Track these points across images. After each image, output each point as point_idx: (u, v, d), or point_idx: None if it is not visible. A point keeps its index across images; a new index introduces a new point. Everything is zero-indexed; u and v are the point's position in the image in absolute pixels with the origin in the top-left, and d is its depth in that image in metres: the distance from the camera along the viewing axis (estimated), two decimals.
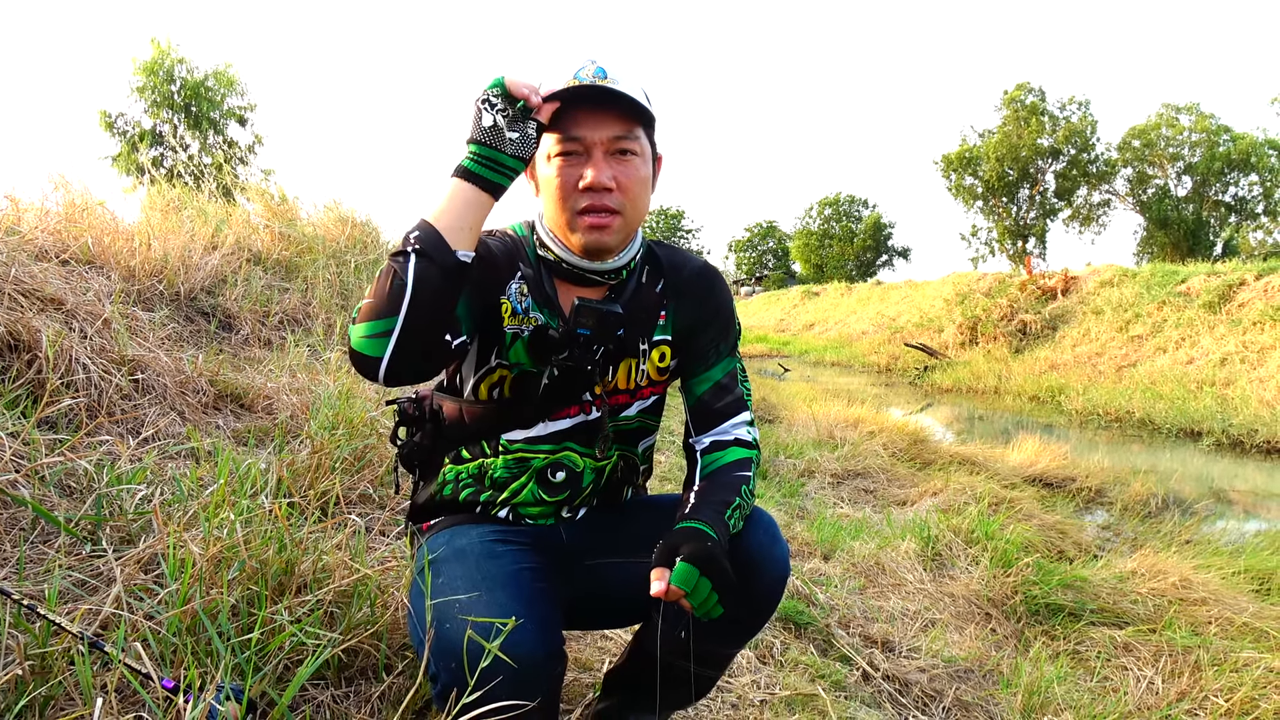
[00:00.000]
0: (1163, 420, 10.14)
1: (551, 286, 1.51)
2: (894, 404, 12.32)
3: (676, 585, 1.27)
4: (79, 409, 2.60)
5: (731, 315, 1.64)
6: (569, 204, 1.42)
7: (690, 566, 1.28)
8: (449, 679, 1.26)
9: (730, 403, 1.58)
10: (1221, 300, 13.99)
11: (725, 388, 1.58)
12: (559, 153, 1.41)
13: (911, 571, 3.54)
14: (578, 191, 1.40)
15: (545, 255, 1.50)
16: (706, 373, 1.59)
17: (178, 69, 23.67)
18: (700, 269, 1.62)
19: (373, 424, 2.97)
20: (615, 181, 1.40)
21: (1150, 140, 40.61)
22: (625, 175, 1.42)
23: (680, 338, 1.59)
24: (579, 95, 1.37)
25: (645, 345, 1.56)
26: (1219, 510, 6.20)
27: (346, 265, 6.22)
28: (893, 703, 2.45)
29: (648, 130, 1.46)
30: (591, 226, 1.42)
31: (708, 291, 1.61)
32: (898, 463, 6.39)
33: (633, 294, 1.54)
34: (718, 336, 1.60)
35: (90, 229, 4.09)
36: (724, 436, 1.56)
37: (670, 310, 1.58)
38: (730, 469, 1.52)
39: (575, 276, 1.50)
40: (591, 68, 1.38)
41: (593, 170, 1.39)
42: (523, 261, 1.50)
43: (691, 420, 1.59)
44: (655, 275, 1.59)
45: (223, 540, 1.71)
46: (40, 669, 1.40)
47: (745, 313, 40.43)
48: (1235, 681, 2.62)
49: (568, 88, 1.36)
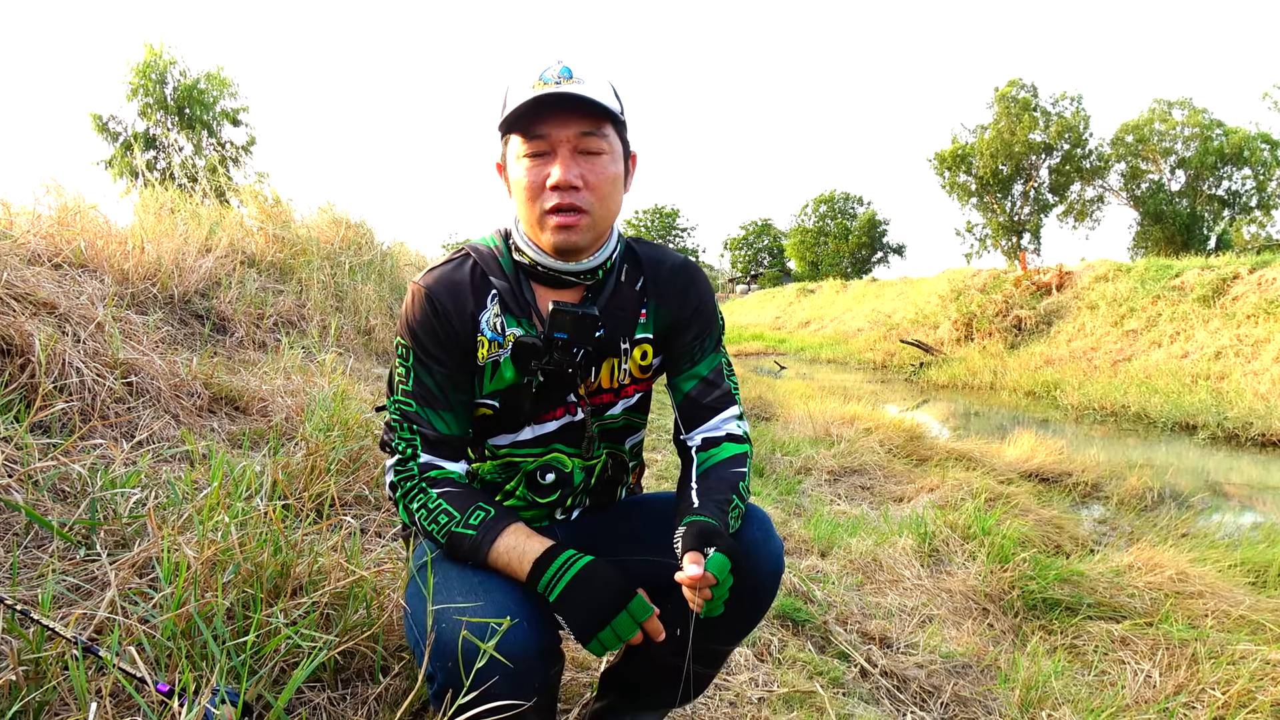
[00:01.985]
0: (1158, 414, 10.15)
1: (530, 292, 1.50)
2: (890, 401, 12.32)
3: (712, 573, 1.26)
4: (72, 413, 2.59)
5: (713, 310, 1.63)
6: (537, 204, 1.41)
7: (725, 558, 1.28)
8: (445, 678, 1.26)
9: (718, 397, 1.58)
10: (1216, 294, 14.01)
11: (712, 383, 1.59)
12: (527, 153, 1.40)
13: (909, 568, 3.54)
14: (546, 190, 1.39)
15: (521, 260, 1.50)
16: (693, 369, 1.59)
17: (171, 71, 23.63)
18: (679, 265, 1.61)
19: (367, 425, 2.97)
20: (583, 180, 1.39)
21: (1143, 135, 40.67)
22: (593, 174, 1.41)
23: (662, 335, 1.59)
24: (543, 102, 1.36)
25: (627, 344, 1.56)
26: (1215, 503, 6.21)
27: (341, 267, 6.22)
28: (891, 699, 2.45)
29: (617, 128, 1.45)
30: (560, 226, 1.41)
31: (688, 287, 1.60)
32: (894, 459, 6.39)
33: (611, 294, 1.54)
34: (701, 332, 1.60)
35: (83, 232, 4.07)
36: (715, 433, 1.56)
37: (651, 308, 1.58)
38: (726, 465, 1.52)
39: (552, 279, 1.50)
40: (557, 68, 1.37)
41: (559, 168, 1.38)
42: (495, 275, 1.49)
43: (681, 417, 1.59)
44: (635, 273, 1.58)
45: (217, 543, 1.70)
46: (34, 674, 1.40)
47: (740, 311, 40.49)
48: (1232, 674, 2.62)
49: (532, 98, 1.34)
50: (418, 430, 1.45)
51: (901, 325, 21.26)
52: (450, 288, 1.46)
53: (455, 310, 1.45)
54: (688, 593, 1.28)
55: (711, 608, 1.29)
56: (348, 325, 5.63)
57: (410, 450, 1.45)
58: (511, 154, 1.43)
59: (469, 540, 1.36)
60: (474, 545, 1.36)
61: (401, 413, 1.46)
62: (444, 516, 1.39)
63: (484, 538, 1.35)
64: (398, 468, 1.46)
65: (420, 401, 1.45)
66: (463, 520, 1.37)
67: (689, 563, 1.26)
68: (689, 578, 1.25)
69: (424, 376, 1.45)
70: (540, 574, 1.31)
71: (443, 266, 1.50)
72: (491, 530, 1.36)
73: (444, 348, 1.45)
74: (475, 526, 1.37)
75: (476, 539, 1.36)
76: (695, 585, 1.25)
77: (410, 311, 1.46)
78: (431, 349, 1.45)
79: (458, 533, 1.37)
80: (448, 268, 1.49)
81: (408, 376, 1.46)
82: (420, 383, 1.45)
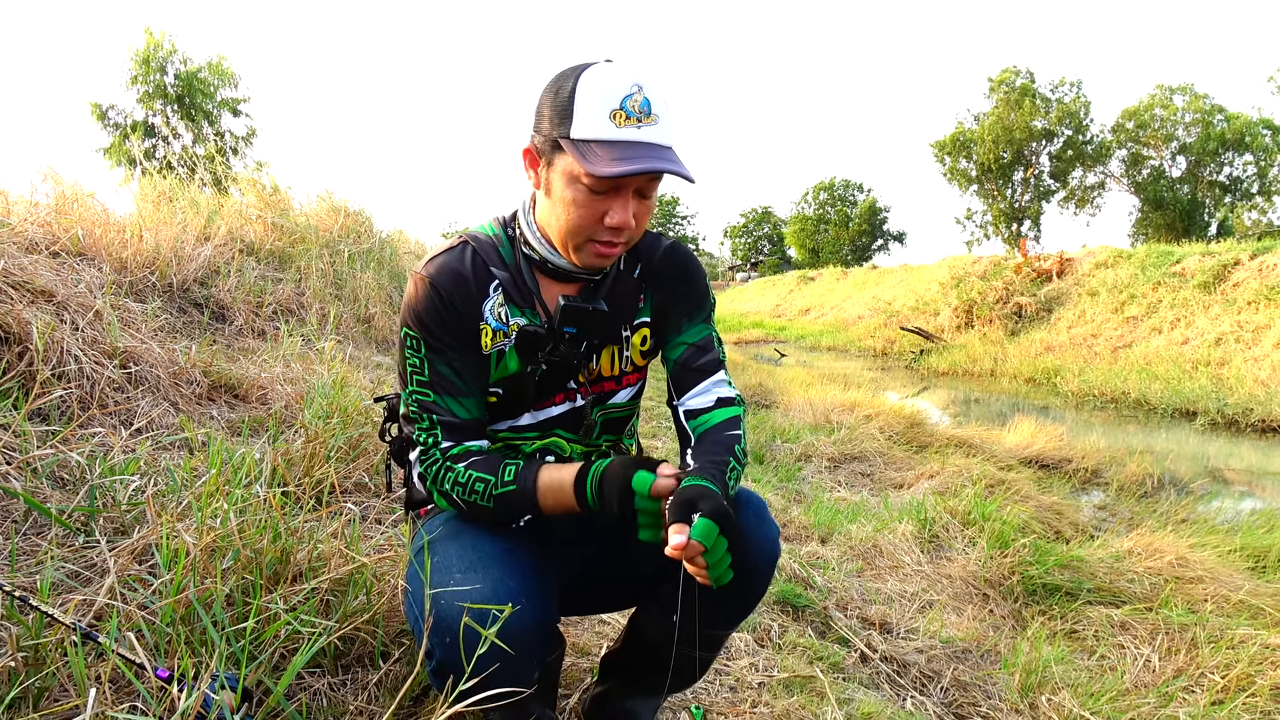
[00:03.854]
0: (1158, 400, 10.15)
1: (533, 281, 1.50)
2: (890, 388, 12.31)
3: (697, 540, 1.20)
4: (71, 401, 2.59)
5: (705, 288, 1.64)
6: (585, 233, 1.39)
7: (710, 522, 1.21)
8: (444, 655, 1.26)
9: (708, 362, 1.57)
10: (1216, 280, 13.98)
11: (701, 348, 1.58)
12: (590, 185, 1.34)
13: (909, 553, 3.54)
14: (599, 226, 1.38)
15: (529, 253, 1.49)
16: (680, 338, 1.59)
17: (172, 59, 23.57)
18: (671, 248, 1.62)
19: (367, 413, 2.97)
20: (635, 218, 1.39)
21: (1144, 121, 40.58)
22: (644, 213, 1.41)
23: (658, 317, 1.60)
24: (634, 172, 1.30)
25: (628, 331, 1.57)
26: (1215, 489, 6.21)
27: (340, 255, 6.20)
28: (891, 684, 2.46)
29: None
30: (601, 255, 1.42)
31: (681, 267, 1.61)
32: (894, 446, 6.39)
33: (612, 284, 1.55)
34: (692, 307, 1.60)
35: (81, 221, 4.06)
36: (706, 397, 1.55)
37: (649, 294, 1.59)
38: (721, 429, 1.51)
39: (558, 274, 1.50)
40: (639, 96, 1.31)
41: (619, 213, 1.36)
42: (495, 265, 1.48)
43: (672, 384, 1.59)
44: (632, 261, 1.59)
45: (216, 530, 1.70)
46: (34, 660, 1.40)
47: (741, 299, 40.47)
48: (1231, 658, 2.63)
49: (627, 172, 1.28)
50: (438, 420, 1.44)
51: (902, 312, 21.23)
52: (453, 276, 1.45)
53: (460, 297, 1.44)
54: (690, 567, 1.24)
55: (719, 576, 1.25)
56: (347, 313, 5.62)
57: (431, 440, 1.45)
58: (565, 169, 1.36)
59: (513, 495, 1.39)
60: (522, 498, 1.39)
61: (419, 404, 1.45)
62: (480, 484, 1.40)
63: (526, 487, 1.39)
64: (422, 458, 1.46)
65: (438, 390, 1.44)
66: (499, 480, 1.40)
67: (673, 534, 1.21)
68: (674, 548, 1.20)
69: (439, 365, 1.44)
70: (583, 497, 1.36)
71: (443, 255, 1.48)
72: (528, 478, 1.39)
73: (454, 334, 1.44)
74: (513, 481, 1.39)
75: (520, 491, 1.39)
76: (684, 556, 1.21)
77: (416, 301, 1.44)
78: (443, 336, 1.44)
79: (501, 493, 1.39)
80: (448, 256, 1.48)
81: (422, 366, 1.45)
82: (436, 371, 1.44)
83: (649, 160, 1.30)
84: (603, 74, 1.32)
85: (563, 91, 1.34)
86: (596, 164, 1.29)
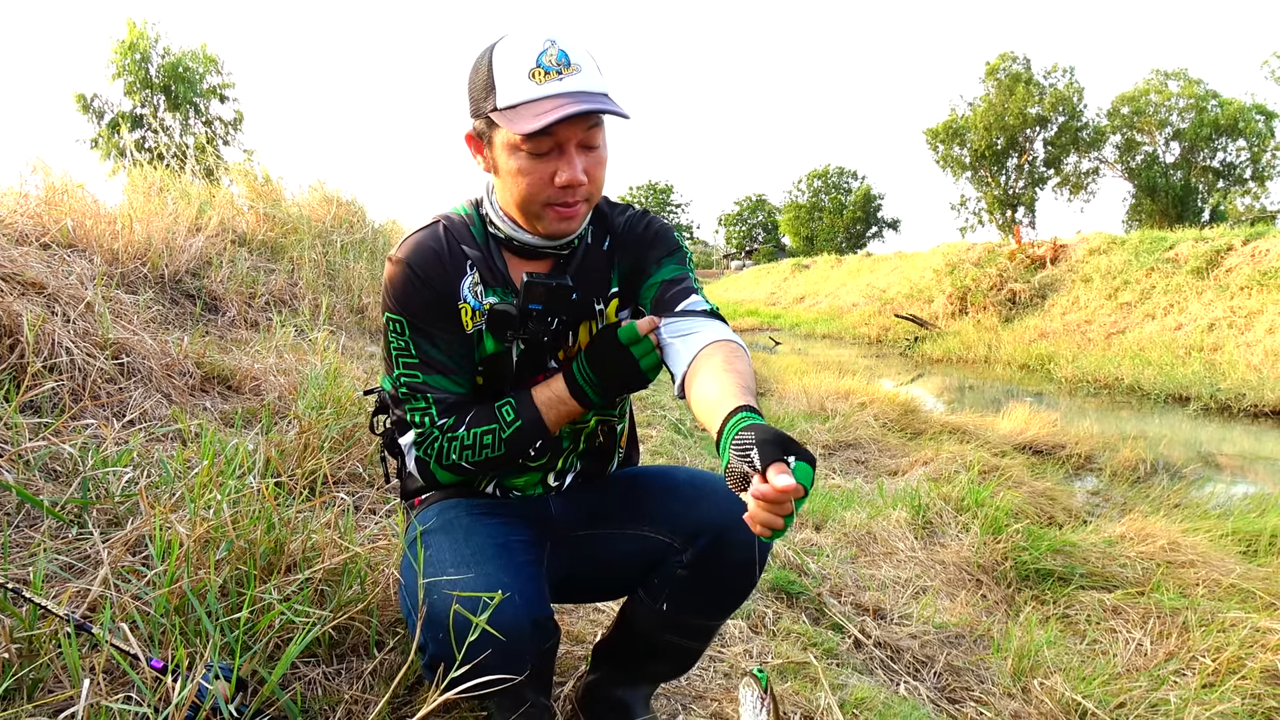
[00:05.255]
0: (1151, 386, 10.18)
1: (502, 261, 1.49)
2: (885, 375, 12.34)
3: (804, 483, 1.01)
4: (63, 392, 2.58)
5: (672, 236, 1.58)
6: (538, 199, 1.38)
7: (808, 466, 1.03)
8: (437, 649, 1.26)
9: (682, 289, 1.49)
10: (1209, 266, 14.01)
11: (675, 280, 1.51)
12: (528, 150, 1.33)
13: (902, 540, 3.56)
14: (551, 188, 1.36)
15: (495, 233, 1.48)
16: (652, 279, 1.53)
17: (155, 49, 23.39)
18: (635, 214, 1.60)
19: (360, 403, 2.96)
20: (586, 173, 1.36)
21: (1139, 107, 40.51)
22: (594, 166, 1.38)
23: (627, 278, 1.57)
24: (561, 118, 1.27)
25: (601, 304, 1.55)
26: (1207, 474, 6.24)
27: (332, 245, 6.18)
28: (884, 669, 2.47)
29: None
30: (561, 218, 1.40)
31: (644, 226, 1.58)
32: (889, 433, 6.41)
33: (582, 259, 1.53)
34: (661, 254, 1.54)
35: (71, 212, 4.03)
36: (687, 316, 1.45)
37: (617, 263, 1.57)
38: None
39: (526, 251, 1.48)
40: (554, 51, 1.31)
41: (568, 170, 1.34)
42: (467, 244, 1.48)
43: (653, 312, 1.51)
44: (601, 233, 1.57)
45: (210, 521, 1.70)
46: (27, 652, 1.40)
47: (735, 287, 40.43)
48: (1222, 641, 2.65)
49: (552, 121, 1.26)
50: (431, 399, 1.44)
51: (896, 300, 21.23)
52: (428, 254, 1.44)
53: (437, 275, 1.44)
54: (759, 512, 1.02)
55: (783, 529, 1.05)
56: (340, 304, 5.60)
57: (427, 420, 1.45)
58: (504, 141, 1.35)
59: (521, 429, 1.44)
60: (531, 427, 1.45)
61: (409, 386, 1.45)
62: (488, 436, 1.44)
63: (530, 416, 1.45)
64: (420, 439, 1.46)
65: (427, 370, 1.44)
66: (502, 423, 1.44)
67: (776, 473, 0.99)
68: (779, 489, 0.98)
69: (425, 345, 1.44)
70: (580, 390, 1.45)
71: (416, 235, 1.48)
72: (527, 406, 1.45)
73: (435, 312, 1.44)
74: (516, 417, 1.44)
75: (527, 422, 1.44)
76: (782, 499, 1.00)
77: (395, 285, 1.44)
78: (425, 315, 1.43)
79: (509, 434, 1.43)
80: (422, 235, 1.47)
81: (408, 349, 1.45)
82: (423, 352, 1.44)
83: (573, 105, 1.28)
84: (514, 40, 1.33)
85: (481, 68, 1.35)
86: (523, 123, 1.28)
